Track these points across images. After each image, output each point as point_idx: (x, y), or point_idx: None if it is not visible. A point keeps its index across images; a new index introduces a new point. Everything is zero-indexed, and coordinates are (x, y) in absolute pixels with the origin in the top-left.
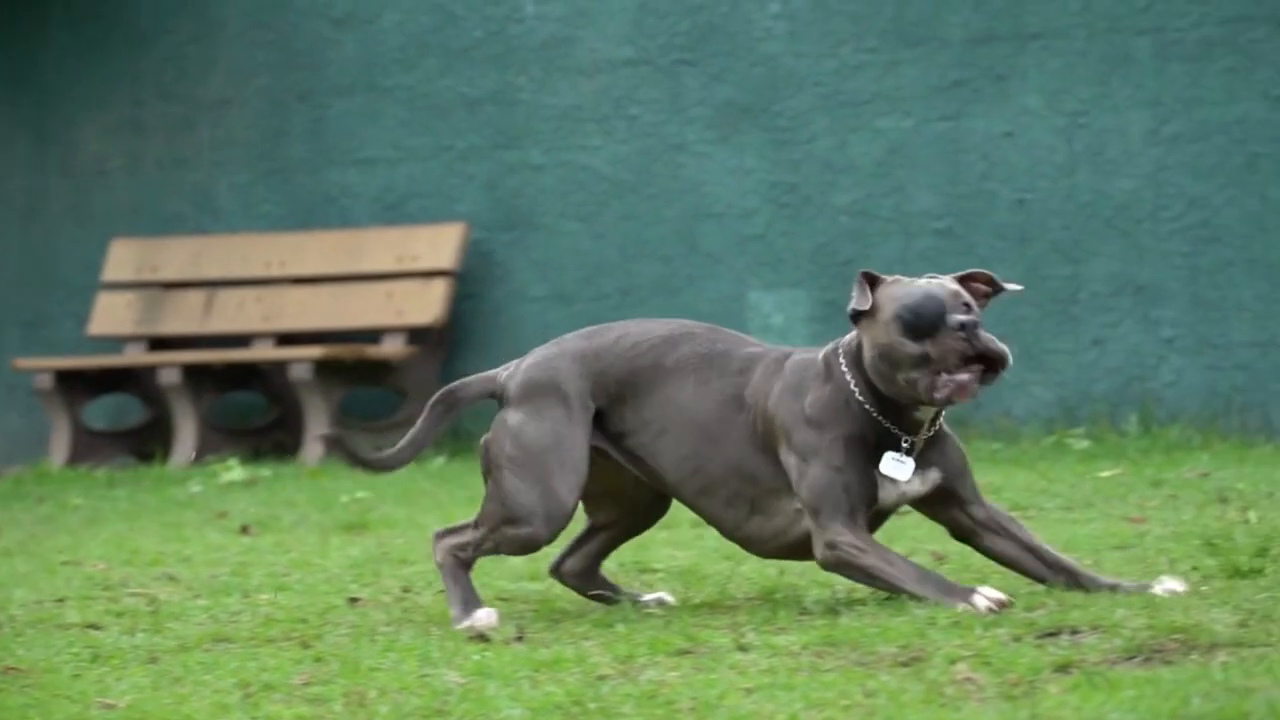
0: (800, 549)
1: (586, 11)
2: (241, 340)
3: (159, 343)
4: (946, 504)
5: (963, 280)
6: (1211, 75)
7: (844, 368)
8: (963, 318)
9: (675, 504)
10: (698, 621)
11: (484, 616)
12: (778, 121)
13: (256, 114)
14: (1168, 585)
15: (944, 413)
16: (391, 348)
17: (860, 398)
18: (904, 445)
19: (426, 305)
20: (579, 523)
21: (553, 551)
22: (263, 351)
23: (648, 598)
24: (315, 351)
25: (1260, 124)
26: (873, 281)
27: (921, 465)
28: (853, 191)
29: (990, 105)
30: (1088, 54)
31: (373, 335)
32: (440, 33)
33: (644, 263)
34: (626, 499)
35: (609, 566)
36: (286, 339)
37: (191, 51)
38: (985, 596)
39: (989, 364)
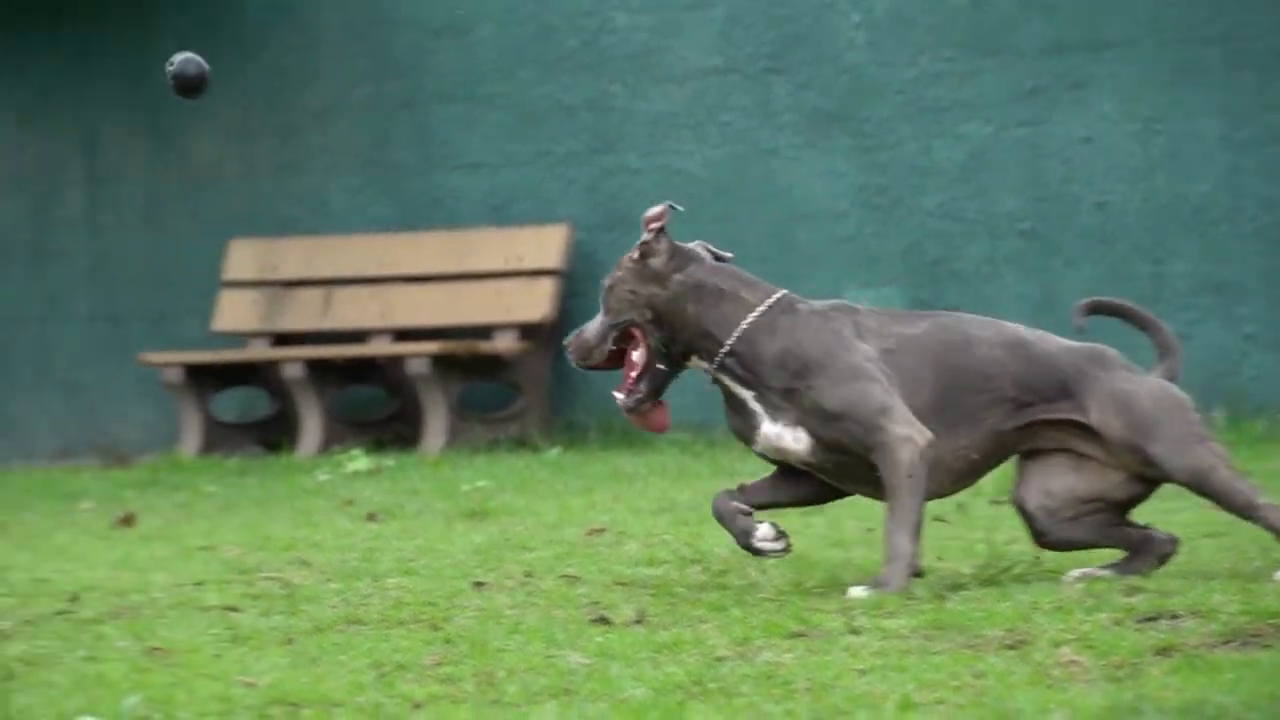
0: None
1: (676, 22)
2: (359, 336)
3: (281, 338)
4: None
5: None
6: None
7: None
8: None
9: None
10: (810, 606)
11: None
12: (864, 127)
13: (361, 121)
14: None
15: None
16: (503, 343)
17: None
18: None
19: (535, 303)
20: None
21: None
22: (381, 347)
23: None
24: (431, 347)
25: None
26: None
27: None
28: (939, 194)
29: (1068, 112)
30: (1159, 62)
31: (484, 331)
32: (536, 43)
33: (741, 263)
34: None
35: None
36: (403, 335)
37: (294, 61)
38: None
39: None
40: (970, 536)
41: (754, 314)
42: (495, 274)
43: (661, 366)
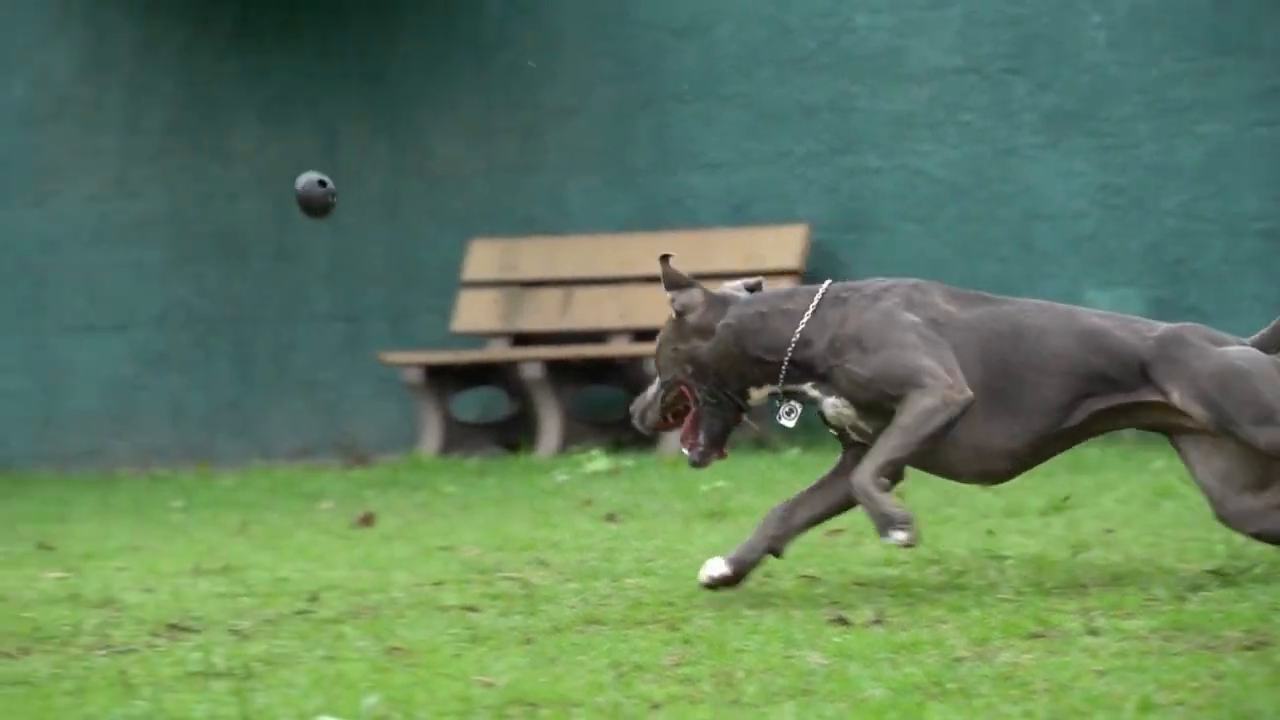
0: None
1: (915, 22)
2: (599, 336)
3: (521, 338)
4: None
5: None
6: None
7: None
8: None
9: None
10: (1048, 606)
11: None
12: (1104, 127)
13: (601, 120)
14: None
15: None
16: None
17: None
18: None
19: None
20: None
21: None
22: (620, 347)
23: None
24: None
25: None
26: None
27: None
28: (1179, 194)
29: None
30: None
31: None
32: (775, 43)
33: (981, 262)
34: None
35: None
36: (642, 335)
37: (534, 61)
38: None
39: None
40: (1210, 537)
41: (803, 320)
42: (735, 274)
43: (716, 419)
